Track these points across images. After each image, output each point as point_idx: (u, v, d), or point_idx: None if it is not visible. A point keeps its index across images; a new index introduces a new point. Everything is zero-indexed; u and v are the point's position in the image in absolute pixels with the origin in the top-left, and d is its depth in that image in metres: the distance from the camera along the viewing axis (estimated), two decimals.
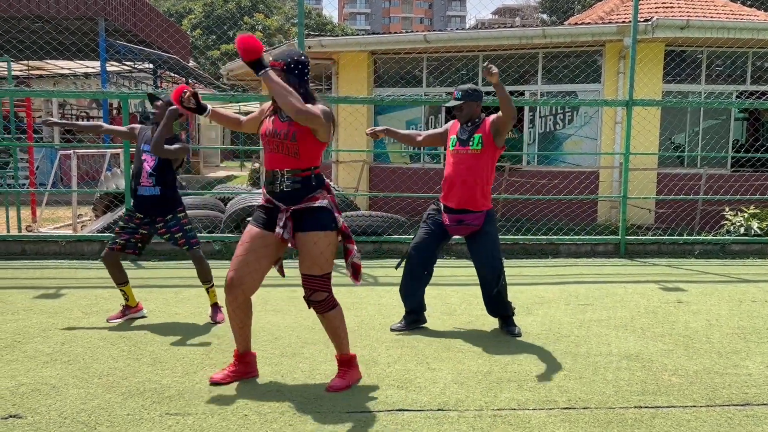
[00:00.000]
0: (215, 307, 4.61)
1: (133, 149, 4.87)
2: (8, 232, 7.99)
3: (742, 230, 8.01)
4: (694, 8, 11.44)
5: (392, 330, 4.42)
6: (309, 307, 3.34)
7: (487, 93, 10.58)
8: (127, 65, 17.54)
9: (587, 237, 7.69)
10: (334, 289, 3.18)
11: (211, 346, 4.00)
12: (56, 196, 10.69)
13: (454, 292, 5.56)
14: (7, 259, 6.78)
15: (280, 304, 5.08)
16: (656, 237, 7.79)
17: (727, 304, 5.36)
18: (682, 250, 7.70)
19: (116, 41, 13.90)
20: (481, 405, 3.18)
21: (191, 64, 20.38)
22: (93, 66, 16.98)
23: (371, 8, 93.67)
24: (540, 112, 10.72)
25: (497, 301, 4.37)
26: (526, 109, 10.76)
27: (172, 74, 18.88)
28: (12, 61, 8.56)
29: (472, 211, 4.27)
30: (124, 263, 6.65)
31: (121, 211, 7.56)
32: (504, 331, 4.42)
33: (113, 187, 8.03)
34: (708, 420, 3.07)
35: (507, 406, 3.18)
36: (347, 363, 3.44)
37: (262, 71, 3.06)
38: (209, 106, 3.42)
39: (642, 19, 9.37)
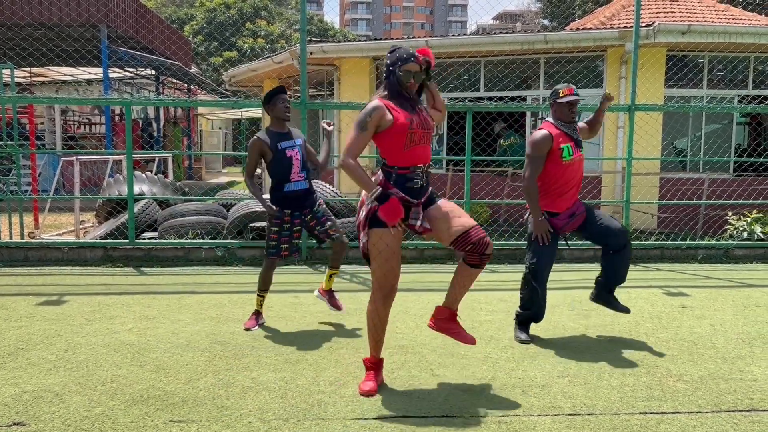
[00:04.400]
0: (330, 293, 4.71)
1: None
2: (11, 238, 8.00)
3: (745, 234, 8.00)
4: (695, 13, 11.46)
5: (521, 342, 4.31)
6: (480, 265, 3.35)
7: (483, 98, 10.60)
8: (130, 72, 17.59)
9: (590, 242, 7.66)
10: (338, 294, 3.19)
11: (215, 353, 3.99)
12: (59, 202, 10.70)
13: None
14: (9, 265, 6.78)
15: (283, 310, 5.07)
16: (659, 242, 7.77)
17: (732, 308, 5.34)
18: (686, 255, 7.69)
19: (118, 48, 13.94)
20: (486, 411, 3.17)
21: (193, 70, 20.42)
22: (95, 72, 17.03)
23: (372, 14, 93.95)
24: (542, 117, 10.72)
25: (627, 267, 4.41)
26: (528, 114, 10.77)
27: (175, 80, 18.92)
28: (15, 67, 8.59)
29: (576, 201, 4.37)
30: (127, 269, 6.67)
31: (124, 217, 7.56)
32: (614, 308, 4.44)
33: (116, 193, 8.04)
34: (714, 426, 3.05)
35: (511, 412, 3.17)
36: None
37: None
38: None
39: (643, 24, 9.39)
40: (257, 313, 4.65)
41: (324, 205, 4.70)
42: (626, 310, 4.45)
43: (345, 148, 3.31)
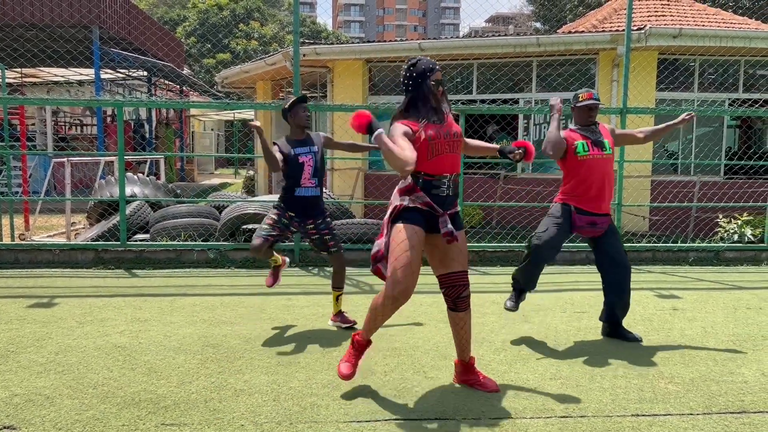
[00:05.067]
0: (341, 315, 4.71)
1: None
2: (1, 240, 7.94)
3: (735, 237, 8.05)
4: (686, 17, 11.54)
5: (507, 308, 4.46)
6: (456, 309, 3.40)
7: (475, 101, 10.63)
8: (122, 73, 17.52)
9: (582, 244, 7.70)
10: (324, 299, 3.18)
11: (207, 356, 3.98)
12: (50, 204, 10.64)
13: None
14: (0, 268, 6.73)
15: (275, 313, 5.06)
16: (651, 244, 7.81)
17: (722, 311, 5.38)
18: (677, 257, 7.73)
19: (110, 49, 13.89)
20: (479, 414, 3.17)
21: (186, 71, 20.37)
22: (87, 73, 16.96)
23: (365, 16, 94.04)
24: (534, 119, 10.76)
25: (627, 303, 4.43)
26: (521, 117, 10.80)
27: (167, 82, 18.86)
28: (5, 68, 8.54)
29: (606, 214, 4.38)
30: (118, 271, 6.64)
31: (115, 219, 7.54)
32: (624, 339, 4.46)
33: (107, 195, 8.00)
34: (705, 428, 3.07)
35: (504, 414, 3.17)
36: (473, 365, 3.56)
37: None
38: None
39: (635, 28, 9.44)
40: (275, 268, 4.81)
41: (329, 220, 4.72)
42: (638, 339, 4.44)
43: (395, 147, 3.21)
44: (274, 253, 4.78)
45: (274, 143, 4.57)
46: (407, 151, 3.13)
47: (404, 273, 3.20)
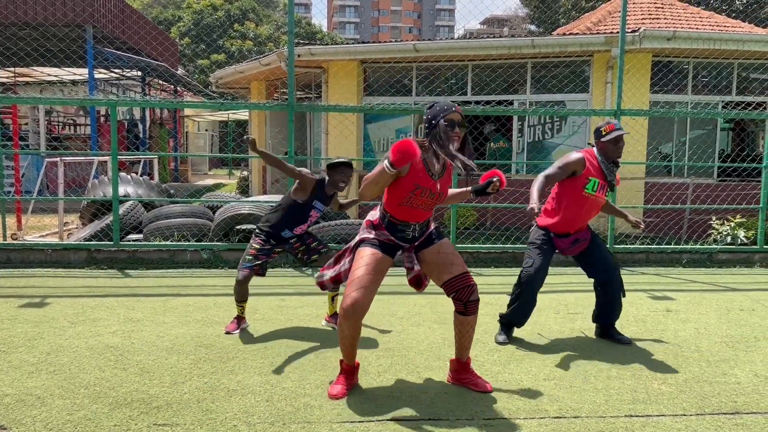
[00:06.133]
0: (336, 316, 4.64)
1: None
2: None
3: (728, 239, 8.08)
4: (680, 20, 11.59)
5: (498, 343, 4.37)
6: (467, 313, 3.40)
7: (470, 102, 10.64)
8: (115, 72, 17.46)
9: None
10: (317, 299, 3.18)
11: (200, 356, 3.96)
12: (42, 203, 10.58)
13: (445, 301, 5.55)
14: None
15: (269, 313, 5.04)
16: (644, 246, 7.83)
17: (715, 312, 5.39)
18: (670, 259, 7.75)
19: (104, 48, 13.83)
20: (472, 414, 3.17)
21: (180, 71, 20.31)
22: (80, 73, 16.88)
23: (360, 17, 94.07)
24: (529, 121, 10.78)
25: (619, 306, 4.41)
26: (515, 118, 10.82)
27: (161, 81, 18.80)
28: None
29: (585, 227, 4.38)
30: (111, 271, 6.61)
31: (108, 219, 7.50)
32: (614, 341, 4.44)
33: (100, 195, 7.97)
34: (698, 429, 3.07)
35: (498, 415, 3.17)
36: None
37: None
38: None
39: (629, 30, 9.46)
40: (239, 318, 4.62)
41: (312, 231, 4.71)
42: (628, 342, 4.42)
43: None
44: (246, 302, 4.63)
45: (319, 177, 4.44)
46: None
47: (354, 289, 3.21)
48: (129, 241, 7.35)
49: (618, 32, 8.37)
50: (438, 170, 3.30)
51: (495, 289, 6.02)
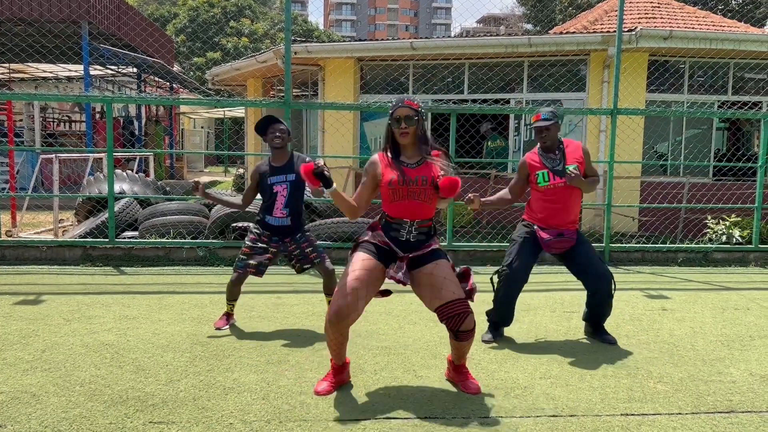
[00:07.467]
0: None
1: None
2: None
3: (724, 238, 8.10)
4: (676, 19, 11.61)
5: (483, 341, 4.36)
6: (458, 339, 3.32)
7: (467, 101, 10.63)
8: (111, 69, 17.39)
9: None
10: (314, 297, 3.17)
11: (196, 353, 3.95)
12: (37, 200, 10.54)
13: None
14: None
15: (265, 311, 5.04)
16: (640, 245, 7.85)
17: (711, 311, 5.41)
18: (666, 258, 7.77)
19: (100, 45, 13.77)
20: (468, 413, 3.17)
21: (176, 68, 20.25)
22: (76, 69, 16.80)
23: (357, 15, 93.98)
24: (525, 120, 10.79)
25: (609, 308, 4.39)
26: (512, 117, 10.83)
27: (157, 78, 18.74)
28: None
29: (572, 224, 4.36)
30: (106, 268, 6.58)
31: (104, 216, 7.47)
32: (600, 339, 4.44)
33: (96, 191, 7.94)
34: (693, 427, 3.08)
35: (494, 414, 3.17)
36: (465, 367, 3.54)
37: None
38: (334, 185, 3.28)
39: (626, 29, 9.47)
40: (228, 314, 4.62)
41: (309, 234, 4.60)
42: (613, 342, 4.40)
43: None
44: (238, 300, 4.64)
45: (256, 165, 4.54)
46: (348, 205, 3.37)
47: (340, 296, 3.19)
48: (124, 238, 7.33)
49: (614, 31, 8.37)
50: (413, 161, 3.35)
51: (490, 288, 6.01)
